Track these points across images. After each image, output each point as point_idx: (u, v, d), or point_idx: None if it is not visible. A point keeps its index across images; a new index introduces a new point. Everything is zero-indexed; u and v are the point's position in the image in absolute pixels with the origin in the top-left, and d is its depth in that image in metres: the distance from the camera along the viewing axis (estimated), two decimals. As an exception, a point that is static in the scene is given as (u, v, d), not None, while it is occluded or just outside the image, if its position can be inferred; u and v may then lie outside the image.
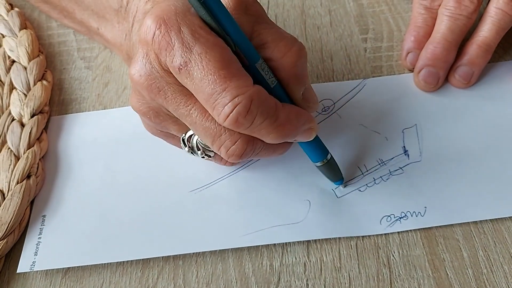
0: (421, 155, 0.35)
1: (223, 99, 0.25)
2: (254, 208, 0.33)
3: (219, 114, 0.25)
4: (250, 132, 0.27)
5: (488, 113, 0.37)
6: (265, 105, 0.26)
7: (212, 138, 0.28)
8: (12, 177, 0.34)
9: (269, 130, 0.27)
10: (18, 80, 0.40)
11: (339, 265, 0.31)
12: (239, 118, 0.25)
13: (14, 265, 0.32)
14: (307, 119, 0.29)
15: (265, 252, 0.32)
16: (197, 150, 0.31)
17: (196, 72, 0.25)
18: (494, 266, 0.30)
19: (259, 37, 0.28)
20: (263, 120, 0.26)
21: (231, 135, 0.27)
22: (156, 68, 0.27)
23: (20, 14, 0.45)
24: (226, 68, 0.25)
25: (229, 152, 0.28)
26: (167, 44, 0.25)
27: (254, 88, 0.26)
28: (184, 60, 0.25)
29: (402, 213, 0.33)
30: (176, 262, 0.32)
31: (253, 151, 0.28)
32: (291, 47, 0.28)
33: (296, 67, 0.28)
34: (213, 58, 0.25)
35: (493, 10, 0.37)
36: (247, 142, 0.28)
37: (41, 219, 0.34)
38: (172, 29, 0.25)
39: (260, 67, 0.27)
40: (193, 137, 0.31)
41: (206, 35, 0.25)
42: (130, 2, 0.35)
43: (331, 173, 0.33)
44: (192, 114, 0.27)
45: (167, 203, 0.34)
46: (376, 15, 0.44)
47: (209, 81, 0.25)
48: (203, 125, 0.27)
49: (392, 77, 0.40)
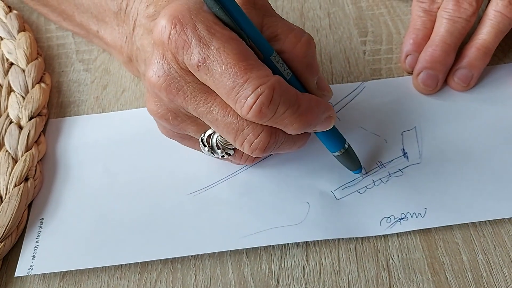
0: (420, 157, 0.35)
1: (246, 91, 0.25)
2: (253, 210, 0.33)
3: (242, 106, 0.25)
4: (274, 123, 0.27)
5: (487, 115, 0.37)
6: (287, 94, 0.26)
7: (234, 133, 0.27)
8: (10, 180, 0.34)
9: (292, 119, 0.27)
10: (16, 83, 0.40)
11: (338, 269, 0.31)
12: (263, 108, 0.25)
13: (11, 268, 0.32)
14: (326, 107, 0.29)
15: (264, 256, 0.32)
16: (217, 149, 0.31)
17: (216, 67, 0.25)
18: (494, 270, 0.30)
19: (269, 30, 0.28)
20: (286, 109, 0.26)
21: (254, 128, 0.27)
22: (174, 68, 0.27)
23: (18, 16, 0.45)
24: (245, 60, 0.25)
25: (253, 146, 0.28)
26: (184, 42, 0.26)
27: (274, 78, 0.26)
28: (202, 57, 0.25)
29: (402, 214, 0.32)
30: (175, 266, 0.32)
31: (275, 144, 0.28)
32: (301, 38, 0.28)
33: (307, 57, 0.28)
34: (231, 51, 0.25)
35: (492, 13, 0.37)
36: (270, 134, 0.28)
37: (39, 222, 0.34)
38: (187, 26, 0.25)
39: (274, 59, 0.28)
40: (212, 136, 0.31)
41: (222, 30, 0.26)
42: (130, 5, 0.35)
43: (350, 162, 0.33)
44: (213, 111, 0.27)
45: (166, 205, 0.34)
46: (375, 18, 0.44)
47: (229, 74, 0.25)
48: (225, 120, 0.27)
49: (391, 79, 0.40)
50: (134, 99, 0.40)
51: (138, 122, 0.39)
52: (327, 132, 0.31)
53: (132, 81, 0.41)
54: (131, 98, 0.40)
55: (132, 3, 0.34)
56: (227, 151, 0.31)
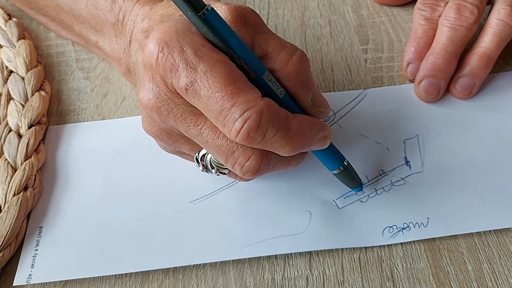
0: (423, 166, 0.35)
1: (233, 115, 0.25)
2: (255, 219, 0.33)
3: (230, 130, 0.25)
4: (264, 146, 0.26)
5: (490, 123, 0.37)
6: (276, 117, 0.26)
7: (225, 155, 0.27)
8: (9, 189, 0.34)
9: (282, 143, 0.26)
10: (15, 91, 0.39)
11: (342, 279, 0.31)
12: (251, 132, 0.25)
13: (10, 278, 0.32)
14: (320, 127, 0.29)
15: (267, 266, 0.31)
16: (211, 168, 0.31)
17: (203, 90, 0.25)
18: (499, 279, 0.30)
19: (260, 47, 0.28)
20: (275, 132, 0.26)
21: (244, 151, 0.27)
22: (164, 91, 0.27)
23: (18, 24, 0.45)
24: (232, 83, 0.25)
25: (244, 169, 0.27)
26: (171, 66, 0.25)
27: (263, 101, 0.25)
28: (190, 80, 0.25)
29: (405, 224, 0.32)
30: (176, 276, 0.31)
31: (268, 165, 0.28)
32: (293, 55, 0.27)
33: (300, 75, 0.28)
34: (219, 75, 0.25)
35: (494, 21, 0.37)
36: (261, 157, 0.27)
37: (38, 231, 0.34)
38: (174, 50, 0.25)
39: (267, 78, 0.27)
40: (206, 155, 0.30)
41: (209, 52, 0.25)
42: (126, 16, 0.35)
43: (350, 180, 0.33)
44: (203, 133, 0.27)
45: (167, 214, 0.34)
46: (376, 26, 0.44)
47: (216, 99, 0.25)
48: (215, 143, 0.27)
49: (393, 87, 0.40)
50: (134, 107, 0.40)
51: (139, 130, 0.38)
52: (323, 150, 0.31)
53: (132, 90, 0.41)
54: (131, 106, 0.40)
55: (129, 15, 0.34)
56: (221, 171, 0.31)
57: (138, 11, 0.33)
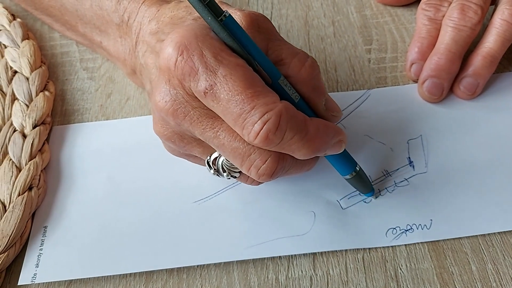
0: (426, 166, 0.35)
1: (253, 117, 0.25)
2: (259, 220, 0.33)
3: (249, 132, 0.25)
4: (281, 149, 0.27)
5: (494, 123, 0.37)
6: (294, 120, 0.26)
7: (241, 158, 0.27)
8: (14, 189, 0.34)
9: (299, 145, 0.26)
10: (20, 91, 0.39)
11: (346, 279, 0.31)
12: (270, 134, 0.25)
13: (15, 278, 0.32)
14: (336, 131, 0.29)
15: (271, 266, 0.31)
16: (222, 172, 0.31)
17: (223, 94, 0.25)
18: (504, 280, 0.30)
19: (274, 54, 0.28)
20: (293, 135, 0.26)
21: (261, 154, 0.27)
22: (181, 93, 0.27)
23: (22, 24, 0.45)
24: (252, 87, 0.25)
25: (260, 172, 0.27)
26: (190, 69, 0.26)
27: (282, 104, 0.26)
28: (209, 84, 0.25)
29: (408, 226, 0.32)
30: (180, 276, 0.31)
31: (283, 169, 0.28)
32: (305, 61, 0.28)
33: (313, 80, 0.28)
34: (238, 78, 0.25)
35: (498, 21, 0.37)
36: (277, 160, 0.27)
37: (43, 231, 0.34)
38: (194, 53, 0.25)
39: (282, 83, 0.27)
40: (218, 159, 0.30)
41: (228, 57, 0.26)
42: (132, 17, 0.35)
43: (361, 185, 0.33)
44: (220, 135, 0.27)
45: (171, 214, 0.34)
46: (380, 26, 0.44)
47: (236, 102, 0.25)
48: (231, 145, 0.27)
49: (397, 87, 0.40)
50: (138, 108, 0.40)
51: (143, 130, 0.38)
52: (336, 155, 0.31)
53: (136, 90, 0.41)
54: (135, 107, 0.40)
55: (135, 16, 0.34)
56: (232, 174, 0.31)
57: (144, 13, 0.33)
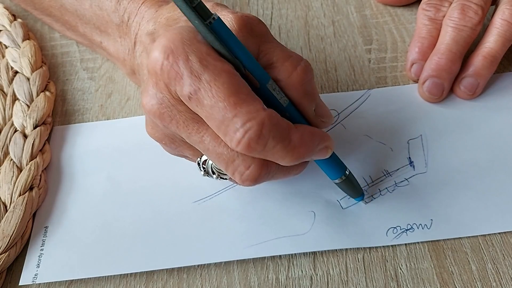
0: (426, 166, 0.35)
1: (235, 125, 0.25)
2: (259, 219, 0.33)
3: (231, 139, 0.25)
4: (264, 156, 0.27)
5: (494, 124, 0.37)
6: (277, 128, 0.26)
7: (225, 163, 0.27)
8: (15, 189, 0.34)
9: (283, 154, 0.26)
10: (21, 91, 0.40)
11: (346, 279, 0.31)
12: (251, 143, 0.25)
13: (16, 278, 0.32)
14: (322, 138, 0.29)
15: (271, 265, 0.32)
16: (212, 173, 0.31)
17: (206, 100, 0.25)
18: (504, 280, 0.30)
19: (266, 57, 0.28)
20: (276, 144, 0.26)
21: (245, 160, 0.27)
22: (167, 97, 0.27)
23: (23, 25, 0.45)
24: (235, 94, 0.25)
25: (243, 177, 0.27)
26: (175, 74, 0.25)
27: (265, 113, 0.25)
28: (193, 89, 0.25)
29: (408, 225, 0.32)
30: (181, 276, 0.32)
31: (267, 175, 0.28)
32: (297, 65, 0.28)
33: (304, 85, 0.28)
34: (222, 85, 0.25)
35: (499, 21, 0.37)
36: (261, 166, 0.27)
37: (44, 231, 0.34)
38: (180, 58, 0.25)
39: (271, 87, 0.27)
40: (208, 161, 0.31)
41: (214, 61, 0.25)
42: (131, 18, 0.35)
43: (351, 189, 0.33)
44: (205, 140, 0.27)
45: (171, 214, 0.34)
46: (380, 26, 0.44)
47: (219, 108, 0.25)
48: (216, 151, 0.27)
49: (397, 87, 0.40)
50: (138, 108, 0.40)
51: (143, 130, 0.38)
52: (325, 160, 0.31)
53: (136, 90, 0.41)
54: (135, 107, 0.40)
55: (134, 17, 0.34)
56: (222, 176, 0.31)
57: (143, 13, 0.34)
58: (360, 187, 0.33)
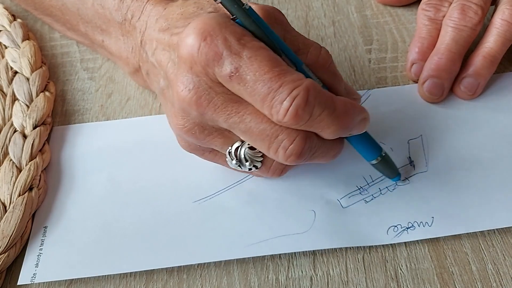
0: (427, 166, 0.35)
1: (281, 95, 0.26)
2: (259, 219, 0.33)
3: (278, 111, 0.26)
4: (310, 126, 0.27)
5: (494, 123, 0.37)
6: (322, 96, 0.26)
7: (268, 140, 0.28)
8: (14, 190, 0.34)
9: (328, 122, 0.27)
10: (20, 91, 0.40)
11: (346, 279, 0.31)
12: (299, 110, 0.26)
13: (15, 278, 0.32)
14: (361, 109, 0.29)
15: (271, 266, 0.31)
16: (245, 162, 0.31)
17: (249, 75, 0.26)
18: (504, 280, 0.30)
19: (291, 44, 0.29)
20: (322, 111, 0.26)
21: (289, 134, 0.27)
22: (204, 80, 0.27)
23: (22, 25, 0.45)
24: (278, 65, 0.26)
25: (288, 152, 0.28)
26: (214, 54, 0.26)
27: (308, 81, 0.26)
28: (234, 67, 0.26)
29: (409, 223, 0.32)
30: (181, 276, 0.32)
31: (310, 149, 0.28)
32: (320, 51, 0.30)
33: (331, 66, 0.30)
34: (263, 58, 0.26)
35: (499, 21, 0.37)
36: (305, 139, 0.28)
37: (43, 230, 0.34)
38: (218, 38, 0.26)
39: (306, 69, 0.28)
40: (240, 149, 0.30)
41: (251, 40, 0.26)
42: (136, 16, 0.35)
43: (388, 169, 0.33)
44: (246, 119, 0.27)
45: (171, 213, 0.34)
46: (380, 26, 0.44)
47: (264, 81, 0.26)
48: (258, 128, 0.27)
49: (397, 88, 0.40)
50: (139, 108, 0.40)
51: (143, 130, 0.38)
52: (362, 140, 0.31)
53: (137, 90, 0.41)
54: (135, 107, 0.40)
55: (139, 15, 0.34)
56: (255, 164, 0.31)
57: (150, 12, 0.34)
58: (396, 168, 0.34)
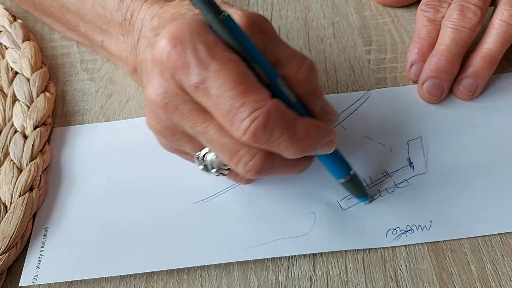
0: (426, 167, 0.35)
1: (242, 114, 0.25)
2: (259, 221, 0.33)
3: (237, 129, 0.25)
4: (269, 147, 0.27)
5: (493, 124, 0.37)
6: (283, 118, 0.26)
7: (230, 154, 0.27)
8: (15, 190, 0.34)
9: (288, 145, 0.26)
10: (21, 92, 0.40)
11: (345, 279, 0.31)
12: (257, 132, 0.25)
13: (16, 279, 0.32)
14: (327, 132, 0.29)
15: (271, 266, 0.32)
16: (211, 168, 0.31)
17: (214, 89, 0.25)
18: (503, 280, 0.30)
19: (272, 55, 0.28)
20: (281, 134, 0.26)
21: (249, 150, 0.27)
22: (172, 86, 0.27)
23: (23, 25, 0.45)
24: (243, 83, 0.25)
25: (247, 168, 0.27)
26: (182, 63, 0.25)
27: (271, 102, 0.26)
28: (201, 78, 0.25)
29: (408, 227, 0.32)
30: (181, 276, 0.32)
31: (271, 167, 0.28)
32: (303, 63, 0.28)
33: (310, 82, 0.28)
34: (230, 74, 0.25)
35: (498, 22, 0.37)
36: (266, 157, 0.27)
37: (44, 232, 0.34)
38: (187, 47, 0.25)
39: (280, 83, 0.27)
40: (207, 155, 0.31)
41: (222, 51, 0.25)
42: (135, 15, 0.35)
43: (356, 189, 0.33)
44: (209, 131, 0.27)
45: (171, 215, 0.34)
46: (379, 27, 0.44)
47: (226, 98, 0.25)
48: (220, 141, 0.27)
49: (396, 88, 0.40)
50: (139, 108, 0.40)
51: (143, 131, 0.38)
52: (330, 158, 0.31)
53: (136, 90, 0.41)
54: (135, 107, 0.40)
55: (137, 14, 0.34)
56: (221, 171, 0.31)
57: (146, 10, 0.34)
58: (363, 188, 0.33)
